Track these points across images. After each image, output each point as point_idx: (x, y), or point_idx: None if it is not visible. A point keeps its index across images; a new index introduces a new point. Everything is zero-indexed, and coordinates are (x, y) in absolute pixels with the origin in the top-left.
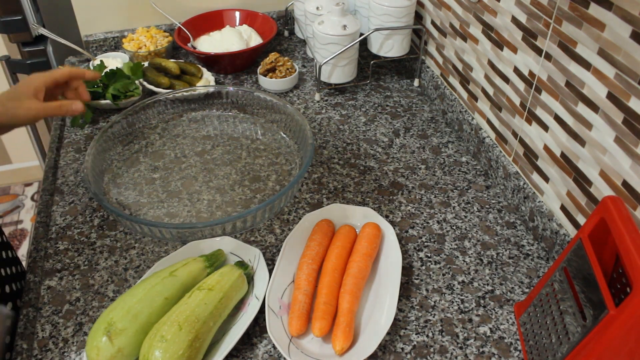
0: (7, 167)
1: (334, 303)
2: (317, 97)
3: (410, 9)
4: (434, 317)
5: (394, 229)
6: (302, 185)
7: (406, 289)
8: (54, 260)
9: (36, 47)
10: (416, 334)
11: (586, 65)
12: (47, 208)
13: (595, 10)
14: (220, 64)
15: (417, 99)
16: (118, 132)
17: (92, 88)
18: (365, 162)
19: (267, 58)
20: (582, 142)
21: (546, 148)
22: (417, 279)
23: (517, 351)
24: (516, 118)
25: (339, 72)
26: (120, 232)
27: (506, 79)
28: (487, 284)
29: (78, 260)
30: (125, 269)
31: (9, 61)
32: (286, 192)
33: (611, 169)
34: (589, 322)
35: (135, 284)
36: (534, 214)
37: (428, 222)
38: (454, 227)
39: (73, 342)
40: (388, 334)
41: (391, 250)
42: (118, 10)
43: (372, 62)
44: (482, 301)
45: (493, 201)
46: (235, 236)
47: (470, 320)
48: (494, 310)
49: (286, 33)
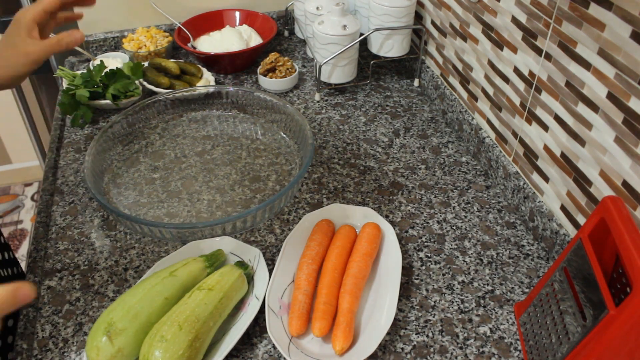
0: (7, 167)
1: (334, 303)
2: (317, 97)
3: (410, 9)
4: (434, 317)
5: (394, 229)
6: (302, 185)
7: (406, 289)
8: (54, 260)
9: None
10: (416, 334)
11: (586, 65)
12: (47, 208)
13: (595, 10)
14: (220, 64)
15: (417, 99)
16: (118, 132)
17: (92, 88)
18: (365, 162)
19: (267, 58)
20: (582, 142)
21: (546, 148)
22: (417, 279)
23: (517, 351)
24: (516, 118)
25: (339, 72)
26: (120, 232)
27: (506, 79)
28: (487, 284)
29: (78, 260)
30: (125, 269)
31: None
32: (286, 192)
33: (611, 169)
34: (589, 322)
35: (135, 284)
36: (534, 214)
37: (428, 222)
38: (454, 227)
39: (73, 342)
40: (388, 334)
41: (391, 250)
42: (118, 10)
43: (372, 62)
44: (482, 301)
45: (493, 201)
46: (235, 236)
47: (470, 320)
48: (494, 310)
49: (286, 33)
